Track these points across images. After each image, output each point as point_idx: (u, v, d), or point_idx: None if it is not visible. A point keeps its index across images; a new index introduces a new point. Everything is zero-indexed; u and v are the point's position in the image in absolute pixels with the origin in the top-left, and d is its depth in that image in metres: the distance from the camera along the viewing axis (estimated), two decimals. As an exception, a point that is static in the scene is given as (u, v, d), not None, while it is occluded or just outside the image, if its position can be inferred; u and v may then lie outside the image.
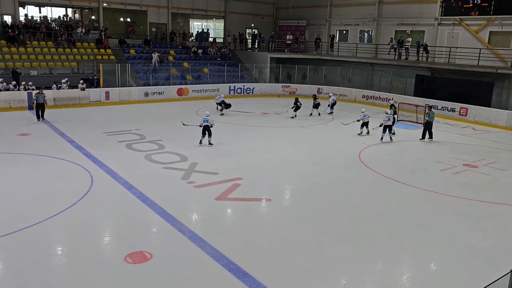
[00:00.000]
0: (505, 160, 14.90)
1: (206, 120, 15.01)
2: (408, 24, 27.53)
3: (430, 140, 17.19)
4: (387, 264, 7.77)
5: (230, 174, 12.05)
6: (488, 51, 23.39)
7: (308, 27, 34.06)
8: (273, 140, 16.76)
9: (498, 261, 7.79)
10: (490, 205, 10.71)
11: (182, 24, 33.94)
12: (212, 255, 7.60)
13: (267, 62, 30.56)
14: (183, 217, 9.14)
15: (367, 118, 17.60)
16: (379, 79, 27.93)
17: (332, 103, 22.73)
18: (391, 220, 9.55)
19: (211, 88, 27.35)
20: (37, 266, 7.20)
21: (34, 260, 7.36)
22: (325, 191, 11.30)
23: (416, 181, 12.19)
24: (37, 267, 7.16)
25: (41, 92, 18.69)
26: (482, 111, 21.71)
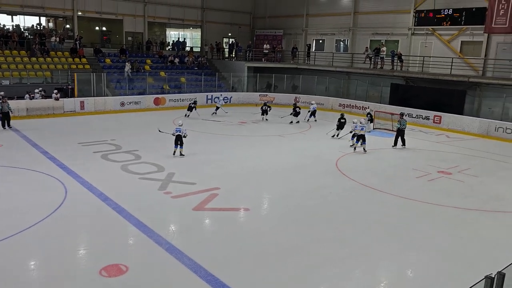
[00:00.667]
0: (478, 166, 15.25)
1: (179, 130, 14.68)
2: (383, 34, 28.11)
3: (403, 147, 17.49)
4: (367, 271, 7.78)
5: (208, 184, 11.93)
6: (460, 60, 24.05)
7: (285, 36, 34.38)
8: (251, 149, 16.73)
9: (473, 266, 7.92)
10: (465, 211, 10.91)
11: (159, 33, 33.78)
12: (190, 266, 7.47)
13: (244, 71, 30.66)
14: (160, 228, 8.97)
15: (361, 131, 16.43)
16: (355, 87, 28.38)
17: (312, 111, 22.90)
18: (369, 228, 9.60)
19: (188, 97, 27.16)
20: (8, 281, 6.92)
21: (5, 275, 7.07)
22: (304, 199, 11.30)
23: (393, 188, 12.34)
24: (8, 283, 6.88)
25: (4, 101, 18.30)
26: (455, 119, 22.25)
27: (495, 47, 23.08)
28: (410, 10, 26.21)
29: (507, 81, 21.34)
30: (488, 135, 20.78)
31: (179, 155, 14.75)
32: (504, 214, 10.88)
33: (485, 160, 16.30)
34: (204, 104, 27.42)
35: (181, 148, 14.80)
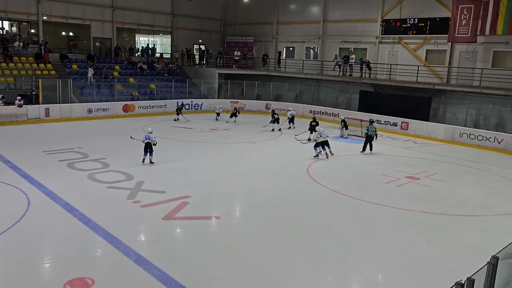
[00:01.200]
0: (445, 171, 15.66)
1: (148, 137, 14.39)
2: (352, 42, 28.63)
3: (370, 153, 17.85)
4: (339, 278, 7.79)
5: (178, 192, 11.72)
6: (426, 68, 24.76)
7: (255, 43, 34.52)
8: (222, 156, 16.61)
9: (442, 270, 8.04)
10: (432, 215, 11.13)
11: (128, 39, 33.23)
12: (159, 278, 7.26)
13: (215, 78, 30.54)
14: (129, 239, 8.71)
15: (321, 138, 16.53)
16: (325, 94, 28.75)
17: (290, 118, 23.06)
18: (340, 234, 9.64)
19: (158, 104, 26.85)
20: (-38, 300, 6.54)
21: (-41, 293, 6.68)
22: (275, 206, 11.26)
23: (363, 194, 12.48)
24: (-38, 302, 6.50)
25: None
26: (421, 125, 22.84)
27: (458, 56, 23.89)
28: (378, 19, 26.83)
29: (470, 88, 22.09)
30: (453, 141, 21.41)
31: (148, 163, 14.45)
32: (470, 218, 11.17)
33: (450, 165, 16.75)
34: (174, 111, 27.07)
35: (151, 156, 14.52)
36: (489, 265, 3.70)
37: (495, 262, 3.71)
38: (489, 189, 13.86)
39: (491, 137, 20.26)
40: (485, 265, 3.70)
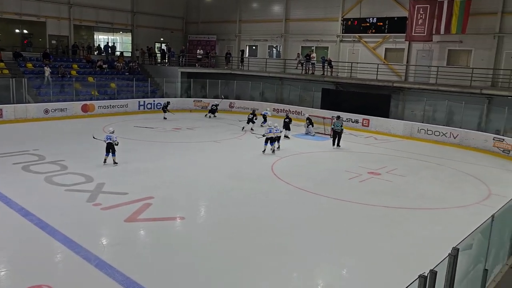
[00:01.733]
0: (404, 166, 16.10)
1: (109, 137, 14.03)
2: (313, 41, 28.96)
3: (338, 148, 18.38)
4: (305, 275, 7.82)
5: (141, 193, 11.42)
6: (385, 66, 25.39)
7: (218, 42, 34.29)
8: (186, 155, 16.37)
9: (405, 264, 8.22)
10: (394, 209, 11.41)
11: (86, 37, 32.17)
12: (122, 282, 7.03)
13: (178, 77, 30.08)
14: (89, 243, 8.38)
15: (270, 134, 16.71)
16: (289, 92, 28.94)
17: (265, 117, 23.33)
18: (306, 231, 9.70)
19: (119, 103, 26.15)
20: None
21: None
22: (241, 205, 11.20)
23: (327, 190, 12.62)
24: None
25: None
26: (382, 122, 23.42)
27: (415, 54, 24.65)
28: (338, 18, 27.26)
29: (427, 85, 22.84)
30: (412, 137, 22.09)
31: (112, 164, 14.09)
32: (429, 211, 11.52)
33: (410, 160, 17.26)
34: (136, 111, 26.52)
35: (114, 156, 14.15)
36: (450, 257, 3.79)
37: (456, 253, 3.80)
38: (446, 182, 14.37)
39: (447, 133, 21.04)
40: (446, 257, 3.78)
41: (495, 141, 19.22)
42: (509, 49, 21.24)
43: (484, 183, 14.25)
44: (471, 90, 20.98)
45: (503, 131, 19.73)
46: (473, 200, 12.35)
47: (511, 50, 21.20)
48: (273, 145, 16.87)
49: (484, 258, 4.81)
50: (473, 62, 22.29)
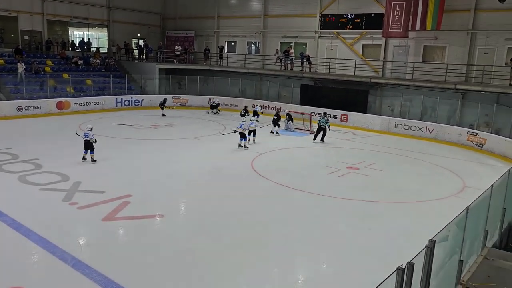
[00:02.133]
0: (382, 161, 16.33)
1: (87, 134, 13.82)
2: (292, 37, 29.01)
3: (322, 142, 18.83)
4: (285, 270, 7.84)
5: (119, 191, 11.24)
6: (362, 62, 25.64)
7: (196, 38, 34.00)
8: (164, 153, 16.19)
9: (384, 257, 8.33)
10: (372, 203, 11.55)
11: (61, 33, 31.42)
12: (100, 282, 6.91)
13: (155, 73, 29.71)
14: (65, 243, 8.20)
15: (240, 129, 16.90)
16: (268, 89, 28.95)
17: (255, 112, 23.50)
18: (285, 226, 9.73)
19: (96, 100, 25.66)
20: None
21: None
22: (220, 201, 11.15)
23: (306, 186, 12.69)
24: None
25: None
26: (359, 117, 23.68)
27: (392, 50, 24.97)
28: (316, 14, 27.37)
29: (403, 81, 23.18)
30: (389, 131, 22.42)
31: (90, 161, 13.87)
32: (407, 204, 11.72)
33: (387, 155, 17.51)
34: (113, 108, 26.10)
35: (92, 153, 13.95)
36: (427, 249, 3.85)
37: (432, 245, 3.87)
38: (422, 176, 14.64)
39: (423, 127, 21.44)
40: (423, 249, 3.84)
41: (469, 135, 19.68)
42: (482, 45, 21.74)
43: (458, 176, 14.58)
44: (446, 85, 21.40)
45: (477, 126, 20.21)
46: (448, 193, 12.62)
47: (483, 47, 21.70)
48: (243, 140, 16.88)
49: (460, 249, 4.91)
50: (447, 58, 22.73)
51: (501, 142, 18.02)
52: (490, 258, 4.63)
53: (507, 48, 20.84)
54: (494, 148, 18.31)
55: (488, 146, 18.66)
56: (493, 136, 18.73)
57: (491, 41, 21.43)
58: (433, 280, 4.14)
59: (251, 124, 17.74)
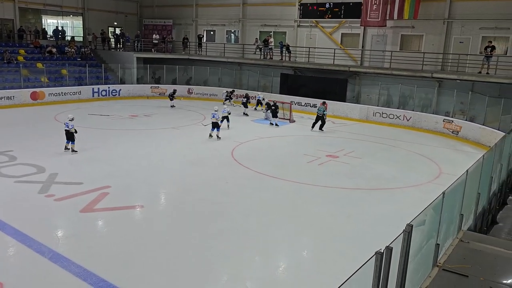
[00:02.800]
0: (361, 149, 16.52)
1: (67, 124, 13.68)
2: (271, 25, 28.88)
3: (321, 131, 19.30)
4: (266, 257, 7.89)
5: (97, 182, 11.08)
6: (341, 51, 25.75)
7: (174, 26, 33.51)
8: (144, 143, 15.99)
9: (363, 242, 8.44)
10: (351, 191, 11.70)
11: (34, 21, 30.49)
12: (78, 274, 6.82)
13: (133, 63, 29.19)
14: (42, 236, 8.05)
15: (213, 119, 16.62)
16: (247, 78, 28.82)
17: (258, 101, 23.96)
18: (266, 214, 9.77)
19: (71, 91, 25.10)
20: None
21: None
22: (201, 191, 11.11)
23: (287, 174, 12.75)
24: None
25: None
26: (339, 106, 23.85)
27: (370, 39, 25.14)
28: (295, 3, 27.26)
29: (381, 70, 23.43)
30: (368, 120, 22.67)
31: (70, 152, 13.76)
32: (385, 191, 11.91)
33: (366, 143, 17.72)
34: (90, 98, 25.59)
35: (73, 144, 13.82)
36: (404, 233, 3.90)
37: (410, 230, 3.93)
38: (400, 163, 14.89)
39: (401, 115, 21.75)
40: (401, 233, 3.90)
41: (445, 122, 20.08)
42: (457, 34, 22.09)
43: (435, 163, 14.88)
44: (423, 74, 21.71)
45: (452, 113, 20.61)
46: (425, 180, 12.88)
47: (459, 36, 22.05)
48: (215, 130, 16.73)
49: (436, 233, 5.01)
50: (424, 47, 23.03)
51: (476, 129, 18.44)
52: (465, 241, 4.76)
53: (481, 37, 21.22)
54: (469, 135, 18.74)
55: (463, 133, 19.08)
56: (468, 123, 19.15)
57: (466, 30, 21.79)
58: (411, 263, 4.22)
59: (223, 111, 18.03)
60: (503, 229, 9.20)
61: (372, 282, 3.56)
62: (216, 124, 16.70)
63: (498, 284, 3.91)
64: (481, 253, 4.51)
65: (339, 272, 7.37)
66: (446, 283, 3.89)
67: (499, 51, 20.73)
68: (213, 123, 16.71)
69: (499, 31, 20.82)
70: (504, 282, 3.97)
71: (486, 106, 18.57)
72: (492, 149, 8.29)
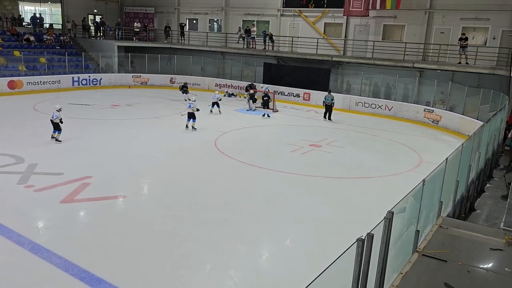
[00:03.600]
0: (343, 138, 16.65)
1: (52, 114, 13.77)
2: (254, 14, 28.69)
3: (329, 121, 19.86)
4: (250, 247, 7.92)
5: (78, 173, 10.92)
6: (324, 41, 25.78)
7: (156, 14, 33.00)
8: (125, 133, 15.80)
9: (345, 230, 8.56)
10: (334, 180, 11.81)
11: (10, 8, 29.65)
12: (59, 265, 6.73)
13: (114, 51, 28.69)
14: (22, 227, 7.91)
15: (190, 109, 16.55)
16: (231, 67, 28.65)
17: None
18: (250, 204, 9.79)
19: (51, 79, 24.57)
20: None
21: None
22: (184, 181, 11.06)
23: (270, 163, 12.77)
24: None
25: None
26: (322, 96, 23.81)
27: (353, 29, 25.21)
28: (279, -9, 27.14)
29: (364, 60, 23.54)
30: (350, 109, 22.83)
31: (54, 142, 13.77)
32: (367, 179, 12.05)
33: (348, 132, 17.87)
34: (70, 87, 25.10)
35: (59, 133, 13.85)
36: (385, 220, 3.96)
37: (391, 216, 3.99)
38: (382, 152, 15.07)
39: (383, 105, 21.97)
40: (382, 220, 3.95)
41: (426, 112, 20.36)
42: (438, 24, 22.33)
43: (416, 152, 15.11)
44: (404, 64, 21.93)
45: (433, 103, 20.91)
46: (406, 168, 13.07)
47: (440, 26, 22.30)
48: (191, 121, 16.58)
49: (416, 219, 5.11)
50: (406, 37, 23.22)
51: (455, 118, 18.77)
52: (444, 227, 4.86)
53: (461, 28, 21.49)
54: (449, 124, 19.06)
55: (443, 123, 19.40)
56: (448, 113, 19.47)
57: (447, 21, 22.04)
58: (391, 249, 4.29)
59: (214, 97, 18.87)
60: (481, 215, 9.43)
61: (353, 268, 3.61)
62: (192, 115, 16.49)
63: (475, 268, 4.01)
64: (459, 238, 4.61)
65: (322, 260, 7.45)
66: (425, 268, 3.96)
67: (478, 41, 21.07)
68: (189, 113, 16.50)
69: (478, 22, 21.12)
70: (481, 267, 4.08)
71: (466, 96, 18.91)
72: (470, 138, 8.45)
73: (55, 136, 13.85)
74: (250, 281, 6.87)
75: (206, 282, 6.67)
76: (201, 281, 6.69)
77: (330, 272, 3.10)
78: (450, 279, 3.74)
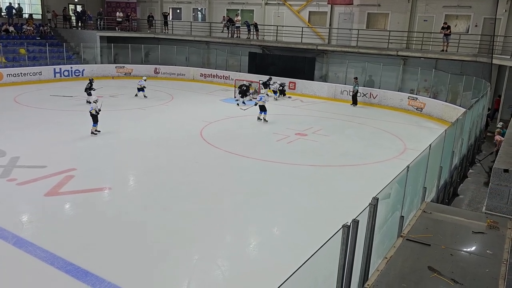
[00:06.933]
0: (329, 127, 16.73)
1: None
2: (239, 3, 28.45)
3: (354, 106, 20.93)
4: (236, 236, 7.95)
5: (62, 165, 10.77)
6: (309, 30, 25.74)
7: (139, 4, 32.47)
8: (110, 124, 15.55)
9: (331, 217, 8.58)
10: (320, 168, 11.88)
11: (-14, -2, 28.82)
12: (44, 258, 6.66)
13: (96, 42, 28.18)
14: (5, 221, 7.80)
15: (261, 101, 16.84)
16: (215, 57, 28.43)
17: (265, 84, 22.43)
18: (236, 194, 9.80)
19: (31, 71, 24.07)
20: None
21: None
22: (170, 172, 11.01)
23: (256, 153, 12.79)
24: None
25: None
26: (307, 84, 23.96)
27: (337, 17, 25.21)
28: (263, -20, 26.93)
29: (348, 48, 23.59)
30: (335, 98, 22.91)
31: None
32: (352, 167, 12.15)
33: (334, 121, 17.95)
34: (51, 79, 24.64)
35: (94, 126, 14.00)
36: (370, 206, 4.00)
37: (376, 203, 4.03)
38: (366, 140, 15.19)
39: (368, 93, 22.10)
40: (367, 207, 3.99)
41: (410, 99, 20.56)
42: (422, 12, 22.46)
43: (400, 139, 15.28)
44: (388, 52, 22.05)
45: (417, 91, 21.11)
46: (391, 155, 13.21)
47: (423, 14, 22.43)
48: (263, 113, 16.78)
49: (401, 205, 5.17)
50: (390, 25, 23.32)
51: (439, 106, 18.99)
52: (428, 212, 4.92)
53: (444, 16, 21.67)
54: (432, 111, 19.29)
55: (426, 110, 19.62)
56: (431, 100, 19.69)
57: (430, 9, 22.18)
58: (376, 235, 4.35)
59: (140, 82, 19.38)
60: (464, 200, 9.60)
61: (339, 254, 3.65)
62: (263, 107, 16.71)
63: (458, 252, 4.08)
64: (443, 223, 4.69)
65: (309, 247, 7.51)
66: (409, 252, 4.02)
67: (461, 29, 21.26)
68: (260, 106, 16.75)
69: (461, 10, 21.30)
70: (463, 250, 4.15)
71: (449, 83, 19.13)
72: (453, 124, 8.56)
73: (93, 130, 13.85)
74: (238, 269, 6.91)
75: (193, 272, 6.68)
76: (188, 271, 6.69)
77: (317, 258, 3.13)
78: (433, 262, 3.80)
